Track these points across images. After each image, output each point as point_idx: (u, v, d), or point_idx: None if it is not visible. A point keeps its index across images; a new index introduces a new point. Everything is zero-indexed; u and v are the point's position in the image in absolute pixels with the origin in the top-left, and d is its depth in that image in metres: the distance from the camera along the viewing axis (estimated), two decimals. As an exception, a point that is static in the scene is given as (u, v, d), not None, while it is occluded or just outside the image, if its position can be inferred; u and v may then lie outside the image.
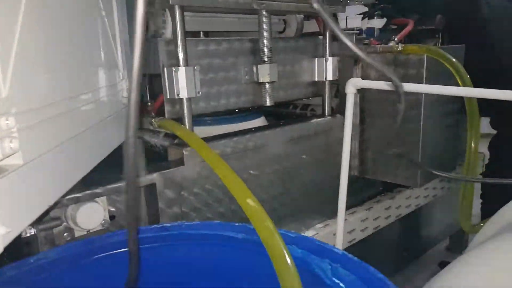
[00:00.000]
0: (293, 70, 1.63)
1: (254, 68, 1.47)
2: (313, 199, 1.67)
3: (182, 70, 1.22)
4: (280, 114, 2.07)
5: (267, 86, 1.47)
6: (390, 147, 1.67)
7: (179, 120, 1.28)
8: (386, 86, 1.31)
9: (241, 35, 1.59)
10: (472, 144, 1.48)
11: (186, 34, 1.24)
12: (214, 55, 1.37)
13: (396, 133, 1.61)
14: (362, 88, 1.66)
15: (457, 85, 1.43)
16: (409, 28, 1.64)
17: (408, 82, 1.53)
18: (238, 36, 1.50)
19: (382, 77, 1.63)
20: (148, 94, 1.45)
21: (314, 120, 1.64)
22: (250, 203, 0.78)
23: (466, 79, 1.35)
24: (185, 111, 1.27)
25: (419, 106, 1.52)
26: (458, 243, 2.63)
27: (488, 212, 1.58)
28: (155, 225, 0.79)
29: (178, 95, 1.24)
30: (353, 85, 1.37)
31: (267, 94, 1.48)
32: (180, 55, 1.22)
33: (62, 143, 0.67)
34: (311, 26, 1.84)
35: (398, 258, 2.29)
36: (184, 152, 1.24)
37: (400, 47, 1.49)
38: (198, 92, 1.29)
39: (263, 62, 1.44)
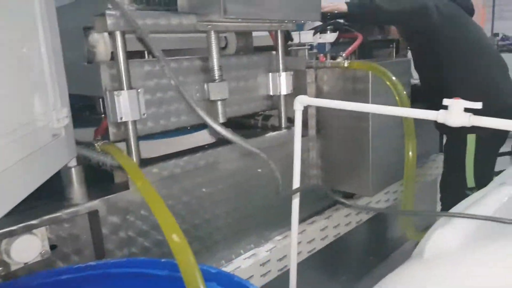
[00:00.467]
0: (247, 85, 1.64)
1: (205, 86, 1.48)
2: (271, 211, 1.69)
3: (124, 94, 1.22)
4: (243, 124, 2.08)
5: (218, 103, 1.48)
6: (343, 157, 1.70)
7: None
8: (331, 104, 1.33)
9: (188, 52, 1.59)
10: (410, 156, 1.52)
11: (129, 53, 1.24)
12: (162, 75, 1.37)
13: (347, 144, 1.65)
14: (316, 101, 1.69)
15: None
16: (357, 42, 1.67)
17: (356, 95, 1.57)
18: (186, 53, 1.50)
19: (334, 92, 1.66)
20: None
21: (269, 134, 1.66)
22: (175, 239, 0.79)
23: (403, 96, 1.39)
24: (130, 134, 1.27)
25: (366, 119, 1.55)
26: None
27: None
28: (79, 265, 0.79)
29: (121, 118, 1.24)
30: (300, 103, 1.39)
31: (219, 111, 1.49)
32: (123, 78, 1.22)
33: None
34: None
35: (365, 261, 2.34)
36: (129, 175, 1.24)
37: (346, 63, 1.52)
38: (143, 114, 1.29)
39: (214, 80, 1.45)
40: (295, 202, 1.51)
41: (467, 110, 0.95)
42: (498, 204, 0.89)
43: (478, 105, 0.92)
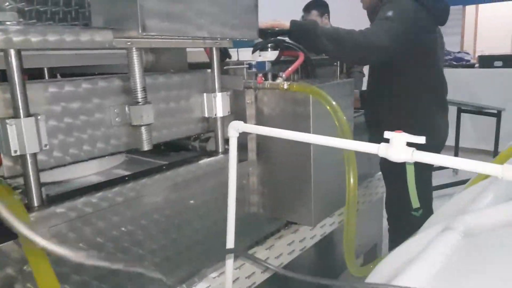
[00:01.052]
0: (178, 107, 1.47)
1: (127, 109, 1.30)
2: (208, 245, 1.53)
3: (19, 122, 1.02)
4: (180, 145, 1.91)
5: (142, 129, 1.30)
6: (285, 183, 1.58)
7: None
8: (267, 131, 1.21)
9: (108, 68, 1.40)
10: (351, 182, 1.42)
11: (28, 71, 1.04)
12: (71, 97, 1.18)
13: (289, 169, 1.53)
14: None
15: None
16: (298, 62, 1.56)
17: (297, 118, 1.46)
18: (105, 69, 1.31)
19: (274, 115, 1.53)
20: None
21: (205, 161, 1.50)
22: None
23: (344, 123, 1.30)
24: (29, 168, 1.06)
25: (308, 144, 1.44)
26: (372, 259, 2.65)
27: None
28: None
29: (15, 151, 1.03)
30: (234, 129, 1.25)
31: (143, 138, 1.31)
32: (18, 103, 1.02)
33: None
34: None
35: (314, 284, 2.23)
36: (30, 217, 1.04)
37: (286, 85, 1.40)
38: (45, 146, 1.09)
39: (136, 103, 1.27)
40: (230, 238, 1.36)
41: (409, 144, 0.86)
42: (444, 258, 0.79)
43: (422, 139, 0.84)
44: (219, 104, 1.52)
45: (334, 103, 1.29)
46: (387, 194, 2.37)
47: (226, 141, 1.61)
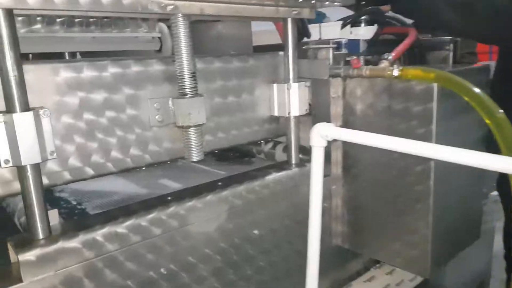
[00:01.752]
0: (239, 102, 1.10)
1: (170, 103, 0.94)
2: (277, 284, 1.14)
3: (10, 120, 0.69)
4: (242, 152, 1.54)
5: (191, 132, 0.94)
6: (384, 211, 1.14)
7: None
8: (372, 140, 0.79)
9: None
10: None
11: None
12: (93, 85, 0.84)
13: (392, 192, 1.08)
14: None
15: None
16: (410, 40, 1.11)
17: (411, 121, 1.01)
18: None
19: (372, 114, 1.10)
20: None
21: (272, 176, 1.10)
22: None
23: (498, 117, 0.80)
24: (29, 186, 0.73)
25: (426, 161, 0.99)
26: None
27: None
28: None
29: (7, 162, 0.71)
30: (321, 135, 0.84)
31: (192, 144, 0.95)
32: (11, 92, 0.70)
33: None
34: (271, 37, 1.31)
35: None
36: (19, 258, 0.71)
37: (396, 70, 0.96)
38: (52, 153, 0.75)
39: (183, 95, 0.92)
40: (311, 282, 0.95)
41: None
42: None
43: None
44: (295, 99, 1.12)
45: (477, 91, 0.81)
46: (506, 221, 1.80)
47: (301, 150, 1.21)
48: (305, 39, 1.22)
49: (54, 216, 0.81)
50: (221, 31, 1.43)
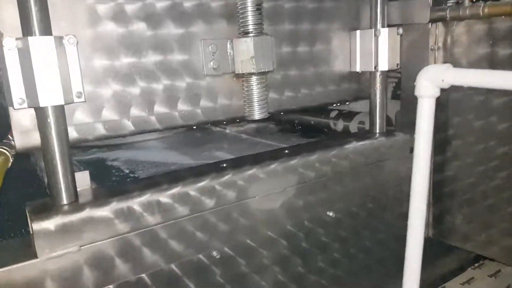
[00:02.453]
0: (312, 52, 0.88)
1: (228, 45, 0.75)
2: (355, 281, 0.92)
3: (25, 44, 0.53)
4: (304, 125, 1.33)
5: (253, 80, 0.74)
6: (499, 196, 0.87)
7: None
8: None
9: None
10: None
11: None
12: (135, 17, 0.67)
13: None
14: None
15: None
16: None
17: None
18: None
19: (483, 61, 0.83)
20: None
21: (352, 145, 0.88)
22: None
23: None
24: (51, 135, 0.58)
25: None
26: None
27: None
28: None
29: (21, 102, 0.55)
30: (431, 81, 0.61)
31: (254, 97, 0.75)
32: (28, 12, 0.54)
33: None
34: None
35: None
36: (34, 227, 0.56)
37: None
38: (79, 94, 0.59)
39: (245, 33, 0.72)
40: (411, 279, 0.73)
41: None
42: None
43: None
44: (384, 49, 0.88)
45: None
46: None
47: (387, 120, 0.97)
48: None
49: (83, 179, 0.65)
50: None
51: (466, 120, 0.90)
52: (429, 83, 0.62)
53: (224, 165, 0.76)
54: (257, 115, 0.76)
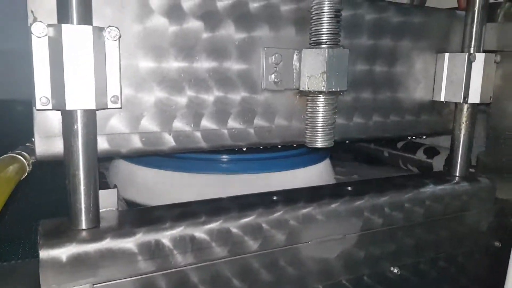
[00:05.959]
0: (390, 73, 0.74)
1: (295, 56, 0.63)
2: None
3: (58, 32, 0.44)
4: (373, 157, 1.19)
5: (320, 101, 0.62)
6: None
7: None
8: None
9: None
10: None
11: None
12: (188, 12, 0.57)
13: None
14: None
15: None
16: None
17: None
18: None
19: None
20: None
21: (430, 188, 0.73)
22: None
23: None
24: (76, 144, 0.47)
25: None
26: None
27: None
28: None
29: (45, 102, 0.46)
30: None
31: (320, 121, 0.62)
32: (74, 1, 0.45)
33: None
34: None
35: None
36: (40, 255, 0.45)
37: None
38: (114, 98, 0.49)
39: (317, 44, 0.60)
40: None
41: None
42: None
43: None
44: (477, 78, 0.73)
45: None
46: None
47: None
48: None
49: (110, 198, 0.54)
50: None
51: None
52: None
53: (275, 197, 0.63)
54: (320, 143, 0.63)
